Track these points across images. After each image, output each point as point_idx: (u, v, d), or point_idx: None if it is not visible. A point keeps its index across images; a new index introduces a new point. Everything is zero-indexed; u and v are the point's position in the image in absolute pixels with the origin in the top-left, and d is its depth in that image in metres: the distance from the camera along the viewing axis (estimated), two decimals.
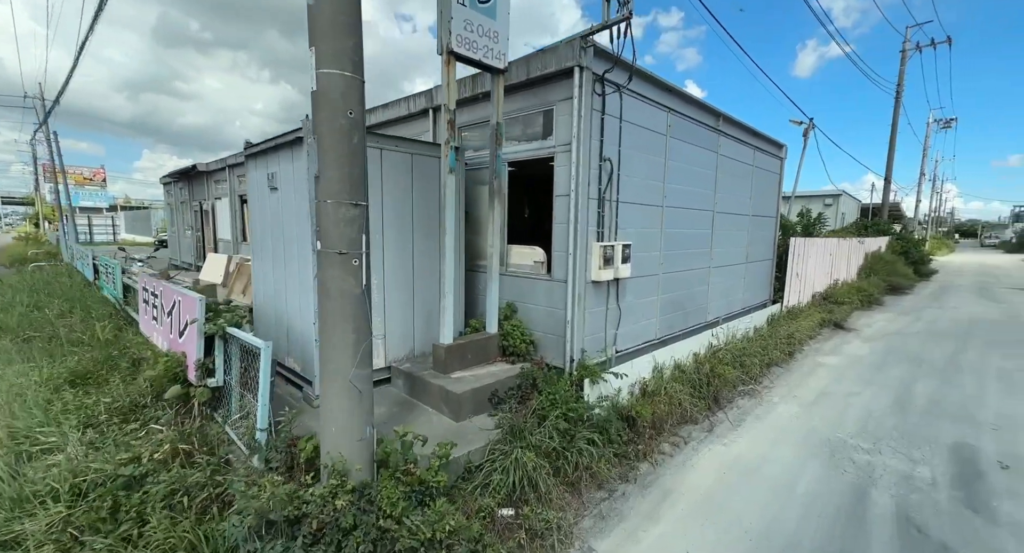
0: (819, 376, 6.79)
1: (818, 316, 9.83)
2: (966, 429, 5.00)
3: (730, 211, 7.22)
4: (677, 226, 5.95)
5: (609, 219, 4.76)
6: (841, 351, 8.21)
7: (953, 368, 7.14)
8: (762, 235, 8.52)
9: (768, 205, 8.63)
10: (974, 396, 5.94)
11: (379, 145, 4.35)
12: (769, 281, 9.00)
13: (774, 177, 8.75)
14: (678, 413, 5.07)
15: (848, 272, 13.94)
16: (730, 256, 7.42)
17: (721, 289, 7.23)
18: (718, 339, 6.92)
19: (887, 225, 19.17)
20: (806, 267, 10.23)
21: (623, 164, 4.88)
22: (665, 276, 5.79)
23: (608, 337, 4.95)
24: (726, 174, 6.99)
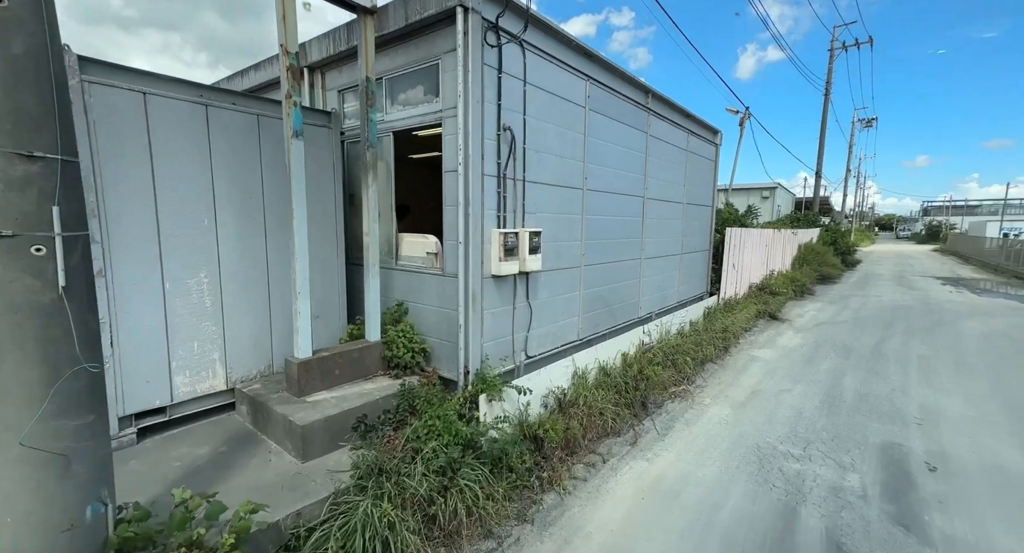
0: (752, 372, 6.47)
1: (754, 308, 9.72)
2: (893, 427, 4.74)
3: (663, 198, 6.72)
4: (602, 212, 5.31)
5: (514, 202, 3.99)
6: (775, 343, 8.04)
7: (878, 358, 7.10)
8: (698, 225, 8.17)
9: (704, 193, 8.29)
10: (898, 388, 5.80)
11: (204, 99, 3.29)
12: (706, 273, 8.72)
13: (709, 164, 8.42)
14: (599, 425, 4.44)
15: (783, 263, 14.22)
16: (664, 247, 6.94)
17: (654, 282, 6.73)
18: (650, 337, 6.42)
19: (817, 217, 20.11)
20: (742, 258, 10.09)
21: (531, 137, 4.12)
22: (588, 269, 5.14)
23: (517, 341, 4.21)
24: (657, 157, 6.46)
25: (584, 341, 5.21)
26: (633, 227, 6.04)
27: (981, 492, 3.60)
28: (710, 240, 8.76)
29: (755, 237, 10.96)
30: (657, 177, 6.50)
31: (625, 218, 5.82)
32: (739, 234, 9.65)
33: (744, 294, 10.43)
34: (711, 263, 8.86)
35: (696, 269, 8.31)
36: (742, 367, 6.70)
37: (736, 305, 9.38)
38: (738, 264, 9.87)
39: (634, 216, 6.02)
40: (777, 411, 5.16)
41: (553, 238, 4.55)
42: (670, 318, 7.06)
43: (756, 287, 11.11)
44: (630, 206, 5.90)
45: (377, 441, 3.19)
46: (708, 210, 8.59)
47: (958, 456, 4.15)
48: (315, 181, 3.93)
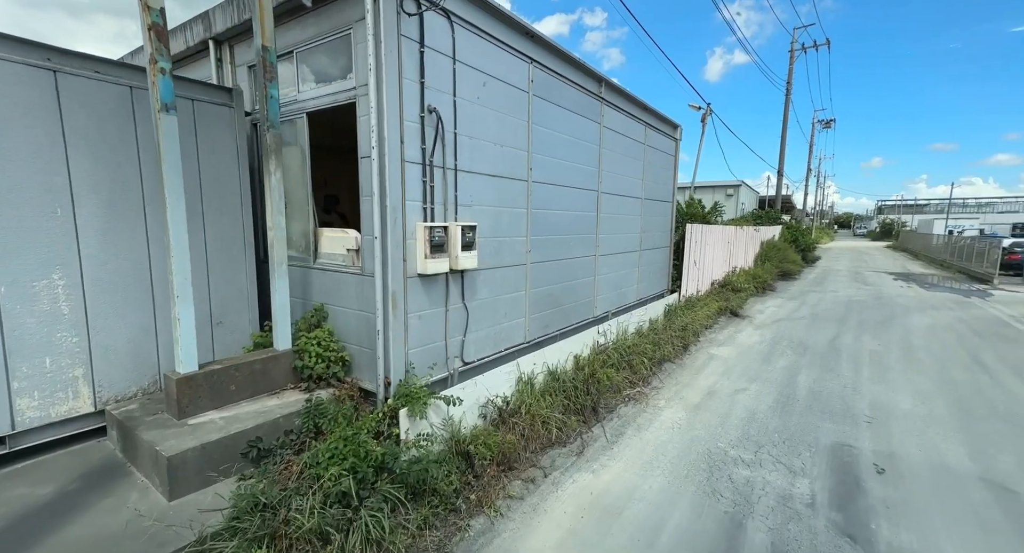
0: (710, 372, 6.32)
1: (716, 304, 9.68)
2: (844, 426, 4.63)
3: (619, 192, 6.47)
4: (551, 206, 4.98)
5: (444, 193, 3.59)
6: (734, 340, 7.97)
7: (833, 354, 7.10)
8: (658, 221, 8.00)
9: (664, 189, 8.12)
10: (850, 385, 5.75)
11: (52, 64, 2.73)
12: (666, 270, 8.58)
13: (669, 159, 8.26)
14: (543, 435, 4.11)
15: (746, 259, 14.39)
16: (621, 243, 6.70)
17: (611, 280, 6.48)
18: (607, 337, 6.17)
19: (779, 215, 20.63)
20: (704, 255, 10.04)
21: (464, 121, 3.73)
22: (536, 267, 4.80)
23: (451, 347, 3.82)
24: (613, 150, 6.19)
25: (532, 343, 4.88)
26: (587, 223, 5.75)
27: (928, 496, 3.47)
28: (671, 237, 8.62)
29: (717, 234, 10.95)
30: (613, 171, 6.24)
31: (578, 213, 5.52)
32: (700, 231, 9.57)
33: (706, 291, 10.40)
34: (672, 260, 8.72)
35: (656, 266, 8.15)
36: (700, 366, 6.55)
37: (698, 302, 9.30)
38: (700, 261, 9.80)
39: (588, 211, 5.73)
40: (731, 412, 4.98)
41: (493, 233, 4.18)
42: (628, 317, 6.83)
43: (719, 284, 11.12)
44: (583, 200, 5.60)
45: (273, 469, 2.74)
46: (668, 206, 8.44)
47: (906, 456, 4.05)
48: (214, 168, 3.42)
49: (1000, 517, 3.21)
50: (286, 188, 3.93)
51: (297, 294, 3.95)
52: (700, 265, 9.84)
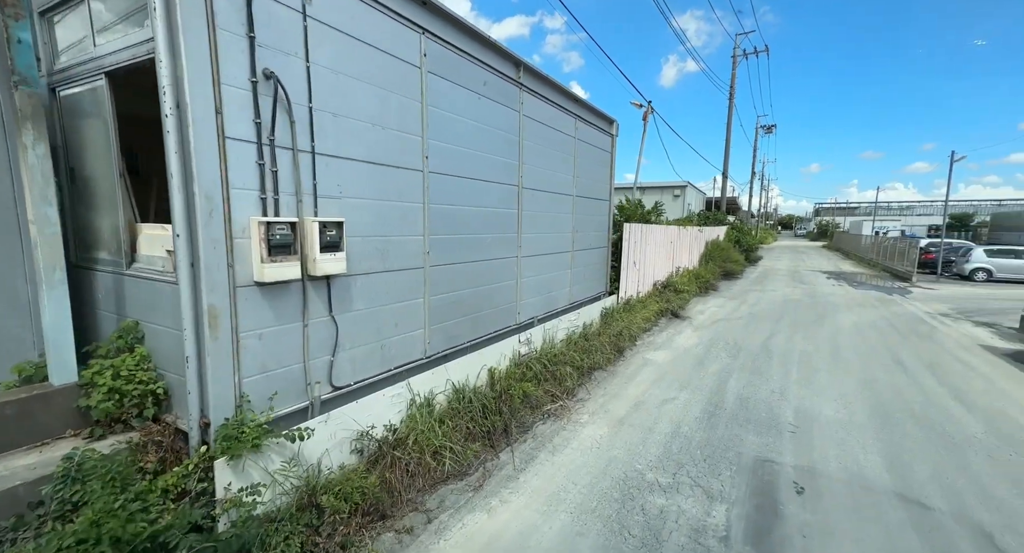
0: (641, 379, 5.96)
1: (656, 306, 9.47)
2: (768, 438, 4.34)
3: (545, 188, 5.98)
4: (457, 201, 4.38)
5: (295, 181, 2.89)
6: (672, 343, 7.73)
7: (765, 356, 6.98)
8: (593, 220, 7.62)
9: (599, 186, 7.75)
10: (778, 390, 5.55)
11: None
12: (604, 271, 8.23)
13: (605, 155, 7.91)
14: (435, 469, 3.50)
15: (690, 259, 14.49)
16: (549, 243, 6.22)
17: (538, 283, 5.97)
18: (530, 346, 5.64)
19: (724, 216, 21.26)
20: (645, 255, 9.82)
21: (324, 94, 3.05)
22: (437, 270, 4.18)
23: (313, 370, 3.12)
24: (537, 142, 5.69)
25: (434, 358, 4.25)
26: (505, 221, 5.19)
27: (845, 521, 3.16)
28: (608, 237, 8.28)
29: (659, 234, 10.80)
30: (537, 165, 5.73)
31: (494, 210, 4.95)
32: (640, 230, 9.32)
33: (648, 292, 10.20)
34: (610, 261, 8.38)
35: (593, 268, 7.76)
36: (632, 373, 6.18)
37: (638, 304, 9.04)
38: (640, 262, 9.56)
39: (506, 208, 5.18)
40: (656, 426, 4.59)
41: (375, 231, 3.51)
42: (558, 322, 6.36)
43: (661, 284, 10.98)
44: (500, 196, 5.04)
45: None
46: (605, 204, 8.08)
47: (826, 471, 3.78)
48: None
49: (916, 544, 2.94)
50: (90, 173, 3.09)
51: (110, 308, 3.11)
52: (641, 266, 9.60)
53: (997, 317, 9.98)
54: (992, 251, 15.83)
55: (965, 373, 6.24)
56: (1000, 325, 9.21)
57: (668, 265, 11.83)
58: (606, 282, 8.36)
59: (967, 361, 6.79)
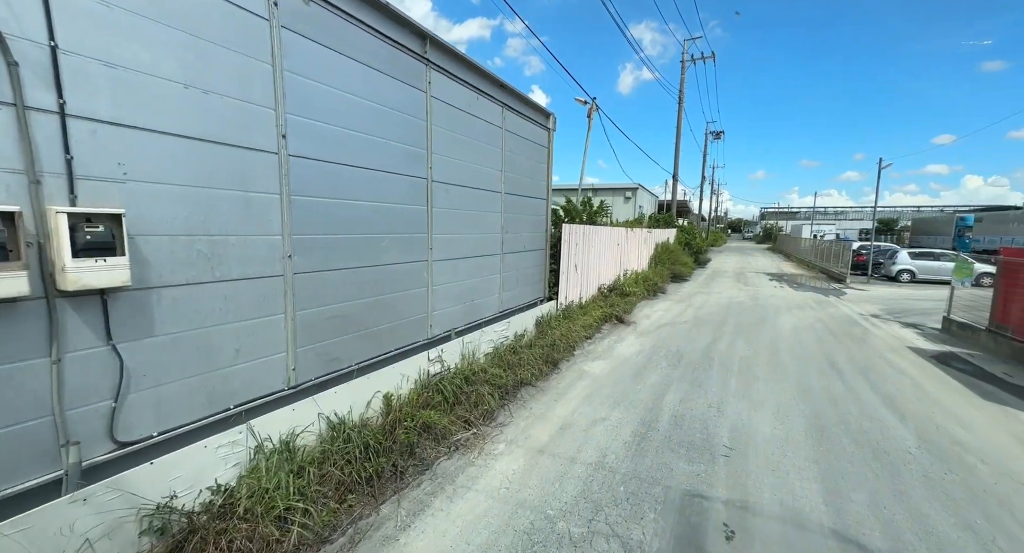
0: (574, 395, 5.39)
1: (600, 311, 9.03)
2: (700, 465, 3.86)
3: (465, 183, 5.29)
4: (342, 194, 3.59)
5: (23, 150, 2.01)
6: (613, 352, 7.26)
7: (706, 364, 6.64)
8: (527, 220, 7.02)
9: (535, 184, 7.18)
10: (716, 404, 5.15)
11: None
12: (542, 275, 7.66)
13: (541, 151, 7.35)
14: (275, 543, 2.68)
15: (639, 262, 14.32)
16: (471, 245, 5.53)
17: (456, 290, 5.26)
18: (444, 363, 4.92)
19: (674, 218, 21.56)
20: (588, 258, 9.36)
21: (82, 31, 2.18)
22: (308, 278, 3.37)
23: (76, 423, 2.23)
24: (451, 129, 4.98)
25: (304, 388, 3.43)
26: (410, 219, 4.44)
27: None
28: (547, 238, 7.71)
29: (604, 236, 10.41)
30: (452, 156, 5.02)
31: (394, 206, 4.19)
32: (582, 232, 8.84)
33: (592, 297, 9.76)
34: (549, 264, 7.82)
35: (528, 271, 7.16)
36: (565, 389, 5.61)
37: (579, 310, 8.55)
38: (583, 265, 9.09)
39: (411, 204, 4.43)
40: (580, 456, 4.00)
41: (194, 229, 2.66)
42: (482, 334, 5.67)
43: (607, 288, 10.59)
44: (402, 190, 4.29)
45: None
46: (543, 203, 7.52)
47: (760, 506, 3.32)
48: None
49: None
50: None
51: None
52: (584, 269, 9.13)
53: (921, 318, 10.36)
54: (915, 253, 16.86)
55: (896, 378, 6.15)
56: (924, 326, 9.50)
57: (615, 268, 11.49)
58: (544, 287, 7.79)
59: (897, 364, 6.77)
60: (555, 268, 8.02)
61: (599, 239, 9.95)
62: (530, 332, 6.85)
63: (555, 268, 8.02)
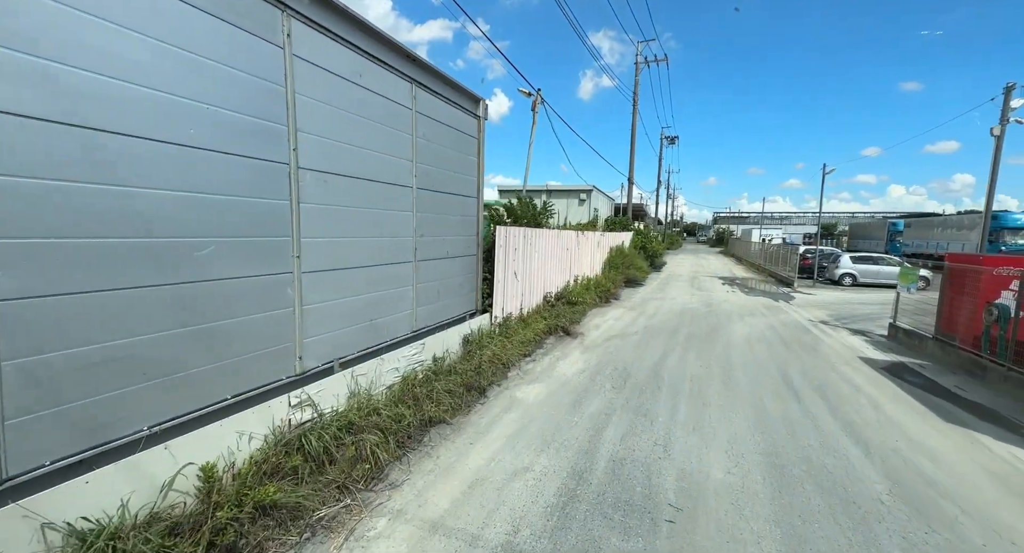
0: (497, 434, 4.41)
1: (543, 323, 8.15)
2: (638, 539, 2.97)
3: (356, 173, 4.19)
4: (106, 177, 2.41)
5: None
6: (553, 372, 6.36)
7: (654, 385, 5.87)
8: (453, 222, 6.00)
9: (462, 179, 6.17)
10: (662, 441, 4.33)
11: None
12: (473, 285, 6.66)
13: (470, 142, 6.36)
14: None
15: (592, 267, 13.66)
16: (370, 252, 4.43)
17: (344, 310, 4.14)
18: (316, 407, 3.77)
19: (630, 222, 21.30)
20: (531, 264, 8.46)
21: None
22: (27, 306, 2.17)
23: None
24: (331, 104, 3.88)
25: (27, 482, 2.20)
26: (260, 217, 3.29)
27: None
28: (479, 242, 6.72)
29: (551, 240, 9.56)
30: (333, 137, 3.91)
31: (223, 198, 3.03)
32: (522, 235, 7.92)
33: (536, 306, 8.87)
34: (481, 272, 6.83)
35: (454, 281, 6.13)
36: (488, 425, 4.62)
37: (519, 323, 7.61)
38: (525, 272, 8.17)
39: (260, 196, 3.28)
40: (484, 533, 3.01)
41: None
42: (381, 363, 4.57)
43: (554, 296, 9.74)
44: (239, 176, 3.13)
45: None
46: (473, 202, 6.52)
47: None
48: None
49: None
50: None
51: None
52: (525, 276, 8.21)
53: (867, 324, 10.26)
54: (856, 258, 17.36)
55: (853, 397, 5.64)
56: (872, 333, 9.34)
57: (564, 274, 10.69)
58: (476, 298, 6.78)
59: (851, 380, 6.31)
60: (489, 276, 7.04)
61: (544, 243, 9.08)
62: (454, 353, 5.81)
63: (489, 276, 7.04)
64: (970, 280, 6.75)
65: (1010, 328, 5.86)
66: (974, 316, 6.59)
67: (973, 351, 6.50)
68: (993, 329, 6.15)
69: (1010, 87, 12.62)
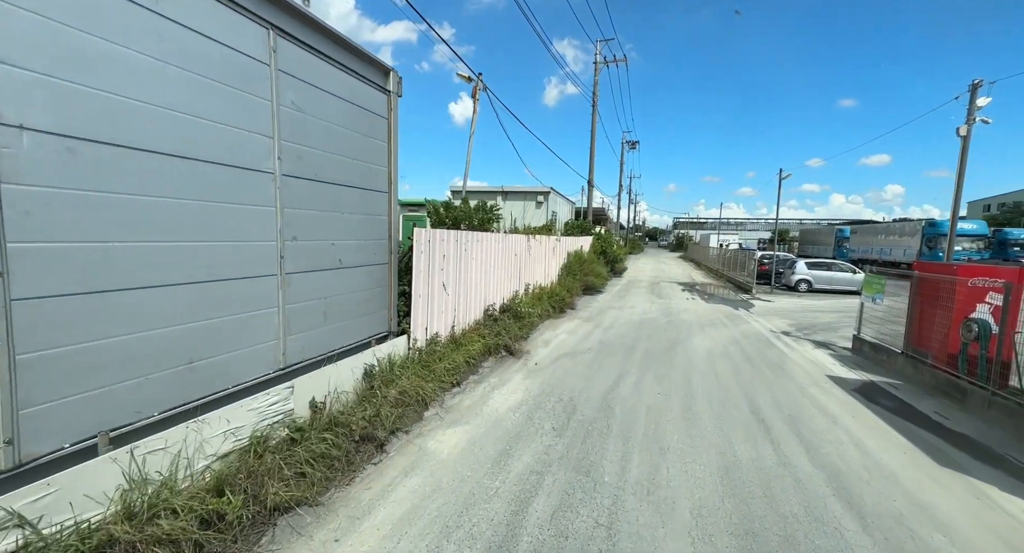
0: (378, 521, 3.13)
1: (481, 343, 6.93)
2: None
3: (148, 147, 2.83)
4: None
5: None
6: (484, 408, 5.16)
7: (602, 425, 4.78)
8: (352, 222, 4.70)
9: (365, 169, 4.88)
10: (606, 517, 3.21)
11: None
12: (385, 301, 5.36)
13: (375, 122, 5.08)
14: None
15: (547, 275, 12.61)
16: (180, 264, 3.06)
17: (120, 353, 2.75)
18: (31, 529, 2.34)
19: (590, 226, 20.60)
20: (468, 273, 7.23)
21: None
22: None
23: None
24: (81, 27, 2.51)
25: None
26: None
27: None
28: (392, 248, 5.41)
29: (494, 245, 8.37)
30: (84, 82, 2.53)
31: None
32: (453, 239, 6.68)
33: (475, 322, 7.64)
34: (396, 284, 5.52)
35: (354, 298, 4.80)
36: (372, 501, 3.33)
37: (451, 344, 6.36)
38: (459, 282, 6.92)
39: None
40: None
41: None
42: (202, 427, 3.17)
43: (498, 310, 8.55)
44: None
45: None
46: (382, 198, 5.22)
47: None
48: None
49: None
50: None
51: None
52: (460, 288, 6.97)
53: (829, 334, 9.77)
54: (811, 264, 17.37)
55: (831, 433, 4.79)
56: (835, 345, 8.79)
57: (512, 284, 9.53)
58: (390, 317, 5.47)
59: (825, 407, 5.50)
60: (408, 289, 5.74)
61: (485, 249, 7.89)
62: (349, 393, 4.46)
63: (408, 289, 5.74)
64: (943, 292, 6.15)
65: (992, 347, 5.22)
66: (949, 332, 5.98)
67: (949, 371, 5.87)
68: (972, 347, 5.52)
69: (976, 84, 12.43)
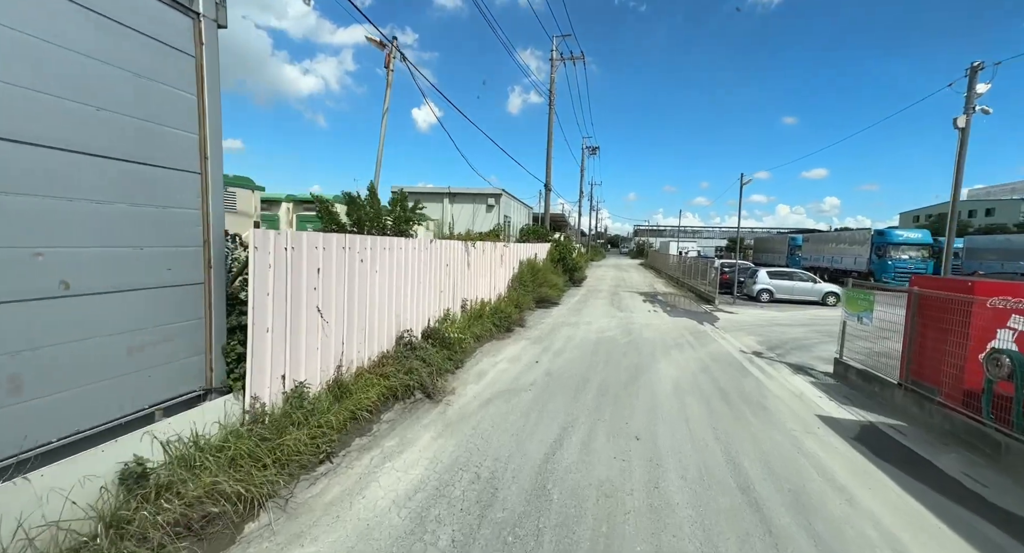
0: None
1: (382, 386, 5.13)
2: None
3: None
4: None
5: None
6: (352, 505, 3.36)
7: (530, 530, 3.11)
8: (111, 215, 2.85)
9: (145, 130, 3.05)
10: None
11: None
12: (199, 342, 3.47)
13: (169, 58, 3.23)
14: None
15: (493, 287, 10.94)
16: None
17: None
18: None
19: (547, 232, 19.30)
20: (365, 292, 5.41)
21: None
22: None
23: None
24: None
25: None
26: None
27: None
28: (210, 259, 3.54)
29: (413, 253, 6.59)
30: None
31: None
32: (335, 246, 4.84)
33: (381, 355, 5.80)
34: (221, 314, 3.62)
35: (114, 344, 2.90)
36: None
37: (328, 395, 4.50)
38: (348, 306, 5.08)
39: None
40: None
41: None
42: None
43: (421, 334, 6.74)
44: None
45: None
46: (190, 180, 3.35)
47: None
48: None
49: None
50: None
51: None
52: (350, 314, 5.13)
53: (803, 354, 8.70)
54: (772, 273, 16.80)
55: (853, 525, 3.36)
56: (814, 369, 7.66)
57: (442, 301, 7.76)
58: (209, 366, 3.56)
59: (832, 474, 4.13)
60: (244, 322, 3.84)
61: (398, 259, 6.09)
62: (65, 527, 2.52)
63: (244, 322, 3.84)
64: (954, 313, 5.01)
65: None
66: (964, 364, 4.82)
67: (970, 415, 4.69)
68: (1002, 387, 4.33)
69: (976, 66, 11.72)
